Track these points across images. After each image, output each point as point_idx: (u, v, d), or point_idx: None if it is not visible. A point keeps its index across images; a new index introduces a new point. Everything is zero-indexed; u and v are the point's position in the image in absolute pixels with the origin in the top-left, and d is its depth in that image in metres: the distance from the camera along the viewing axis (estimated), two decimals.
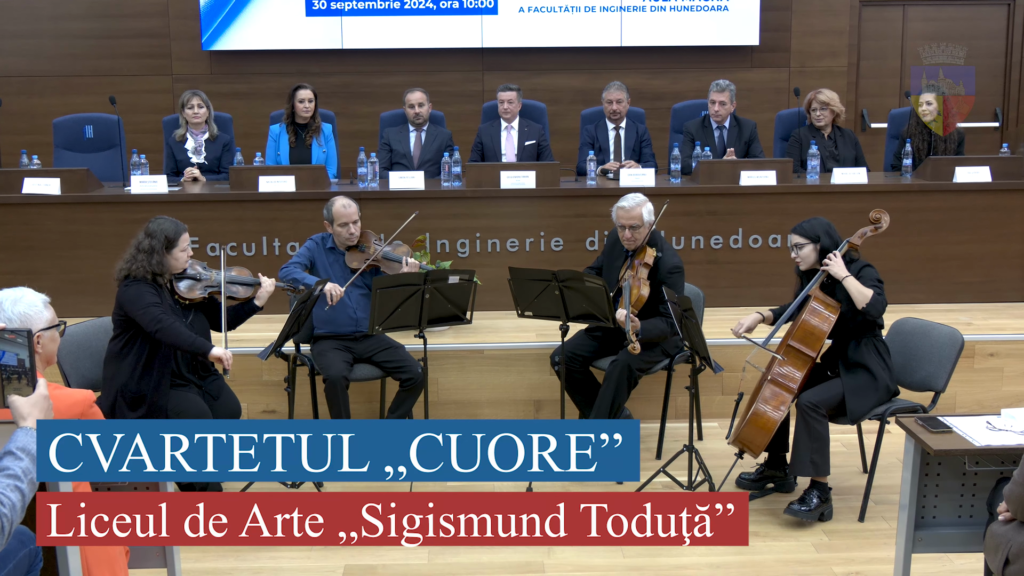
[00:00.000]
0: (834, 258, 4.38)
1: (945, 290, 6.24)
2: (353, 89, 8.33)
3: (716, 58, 8.38)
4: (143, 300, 4.20)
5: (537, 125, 6.99)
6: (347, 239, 5.00)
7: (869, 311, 4.29)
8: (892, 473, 4.66)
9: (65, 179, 6.13)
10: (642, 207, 4.84)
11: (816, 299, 4.38)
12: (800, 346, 4.36)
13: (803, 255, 4.49)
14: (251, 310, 4.62)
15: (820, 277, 4.43)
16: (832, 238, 4.46)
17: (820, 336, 4.34)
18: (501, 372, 5.52)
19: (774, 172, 6.20)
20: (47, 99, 8.15)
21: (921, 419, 3.58)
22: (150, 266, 4.26)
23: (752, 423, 4.33)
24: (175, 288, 4.39)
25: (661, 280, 4.82)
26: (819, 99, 6.67)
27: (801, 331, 4.35)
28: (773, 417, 4.32)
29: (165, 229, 4.30)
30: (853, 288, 4.31)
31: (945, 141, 6.63)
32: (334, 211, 4.98)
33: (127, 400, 4.21)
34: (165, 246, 4.28)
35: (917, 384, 4.50)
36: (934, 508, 3.58)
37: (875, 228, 4.58)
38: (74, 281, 5.95)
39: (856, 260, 4.44)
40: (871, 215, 4.62)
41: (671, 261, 4.87)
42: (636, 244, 4.86)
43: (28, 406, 2.49)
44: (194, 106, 6.62)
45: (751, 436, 4.36)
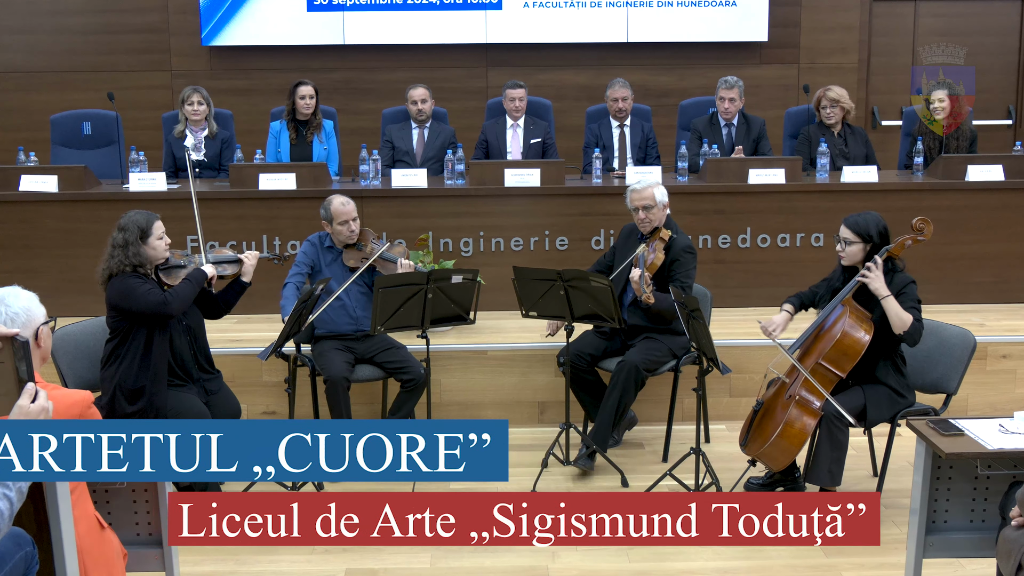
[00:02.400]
0: (874, 270, 4.23)
1: (957, 290, 6.22)
2: (355, 85, 8.34)
3: (724, 54, 8.38)
4: (137, 290, 4.22)
5: (543, 122, 7.00)
6: (347, 237, 5.01)
7: (905, 338, 4.19)
8: (903, 477, 4.65)
9: (63, 176, 6.14)
10: (653, 187, 4.93)
11: (852, 315, 4.24)
12: (830, 366, 4.23)
13: (849, 252, 4.34)
14: (241, 288, 4.64)
15: (855, 286, 4.30)
16: (884, 239, 4.32)
17: (854, 357, 4.21)
18: (505, 373, 5.52)
19: (783, 170, 6.19)
20: (45, 95, 8.16)
21: (933, 422, 3.57)
22: (128, 259, 4.27)
23: (777, 445, 4.24)
24: (161, 279, 4.40)
25: (674, 259, 4.87)
26: (829, 96, 6.67)
27: (835, 351, 4.20)
28: (800, 439, 4.24)
29: (136, 221, 4.32)
30: (893, 310, 4.18)
31: (957, 139, 6.61)
32: (332, 210, 4.99)
33: (126, 394, 4.22)
34: (140, 236, 4.29)
35: (929, 386, 4.49)
36: (945, 512, 3.57)
37: (917, 238, 4.38)
38: (72, 280, 5.95)
39: (898, 271, 4.30)
40: (915, 223, 4.40)
41: (684, 242, 4.94)
42: (652, 225, 4.90)
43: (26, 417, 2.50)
44: (194, 103, 6.63)
45: (774, 455, 4.29)
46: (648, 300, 4.67)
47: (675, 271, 4.88)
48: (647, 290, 4.64)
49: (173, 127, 6.74)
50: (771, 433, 4.26)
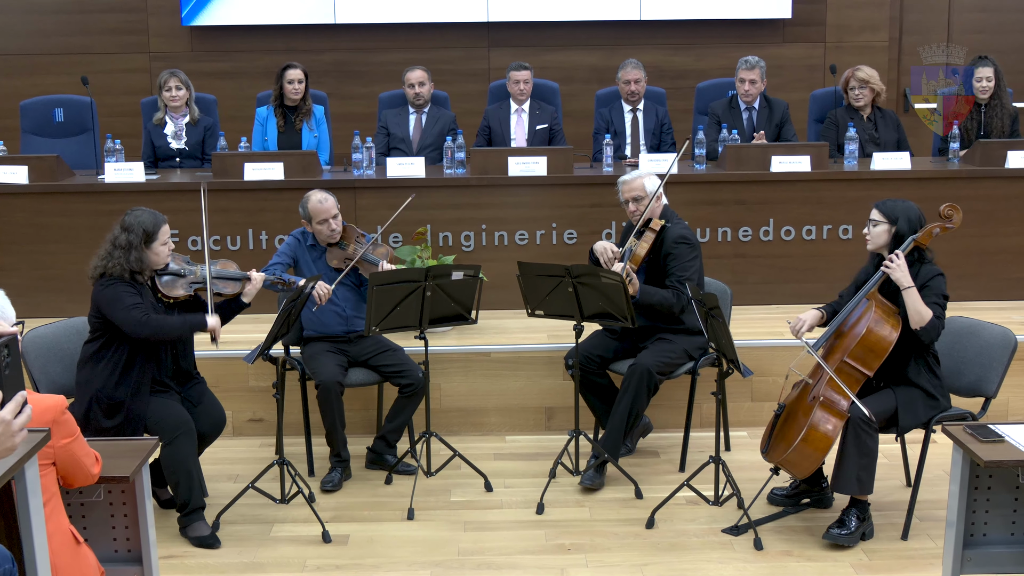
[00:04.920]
0: (897, 259, 4.24)
1: (996, 286, 6.22)
2: (347, 68, 8.35)
3: (744, 32, 8.37)
4: (122, 302, 4.20)
5: (550, 107, 7.00)
6: (328, 237, 4.98)
7: (921, 335, 4.19)
8: (938, 487, 4.65)
9: (33, 167, 6.15)
10: (643, 178, 4.97)
11: (877, 309, 4.24)
12: (856, 364, 4.23)
13: (874, 234, 4.35)
14: (238, 307, 4.61)
15: (881, 278, 4.31)
16: (911, 227, 4.30)
17: (881, 354, 4.21)
18: (509, 377, 5.53)
19: (808, 157, 6.19)
20: (13, 80, 8.18)
21: (970, 427, 3.57)
22: (128, 263, 4.25)
23: (801, 451, 4.24)
24: (157, 285, 4.39)
25: (667, 252, 4.87)
26: (858, 77, 6.66)
27: (860, 347, 4.20)
28: (826, 444, 4.24)
29: (143, 222, 4.29)
30: (912, 303, 4.18)
31: (1001, 117, 6.59)
32: (310, 208, 4.96)
33: (103, 407, 4.22)
34: (144, 240, 4.28)
35: (966, 389, 4.49)
36: (984, 525, 3.57)
37: (945, 226, 4.37)
38: (44, 278, 5.98)
39: (926, 261, 4.30)
40: (942, 210, 4.39)
41: (679, 232, 4.92)
42: (643, 217, 4.91)
43: None
44: (172, 88, 6.64)
45: (798, 461, 4.28)
46: (631, 286, 4.67)
47: (670, 265, 4.87)
48: (628, 285, 4.62)
49: (152, 114, 6.75)
50: (794, 438, 4.26)
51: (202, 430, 4.42)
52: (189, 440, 4.27)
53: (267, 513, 4.61)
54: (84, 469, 3.13)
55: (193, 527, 4.35)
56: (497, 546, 4.33)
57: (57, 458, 3.03)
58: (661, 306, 4.82)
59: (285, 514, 4.61)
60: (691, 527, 4.46)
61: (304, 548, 4.33)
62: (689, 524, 4.48)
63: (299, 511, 4.60)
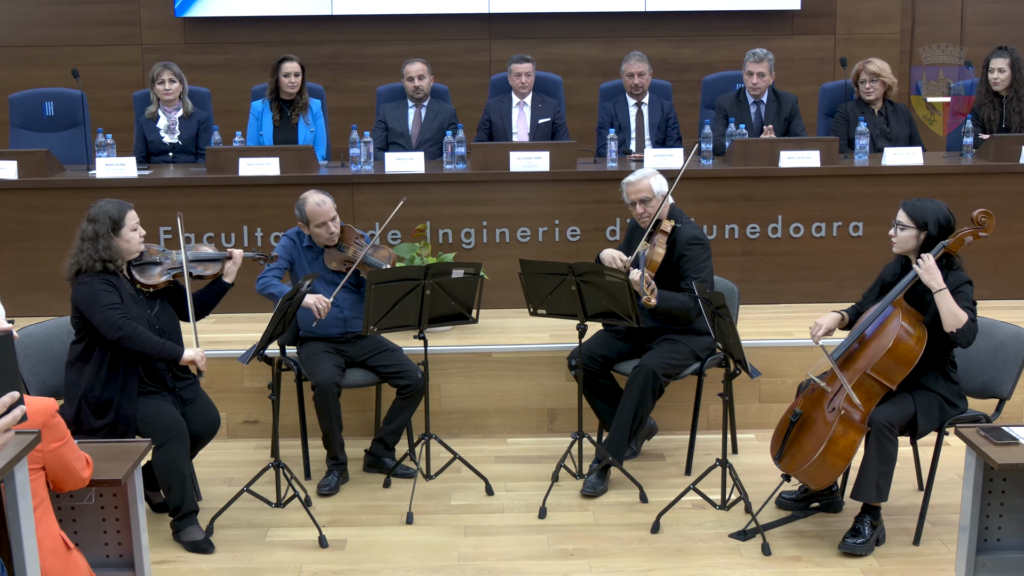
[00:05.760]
0: (927, 262, 4.16)
1: (1012, 285, 6.21)
2: (345, 60, 8.34)
3: (752, 24, 8.36)
4: (99, 301, 4.20)
5: (552, 100, 6.99)
6: (327, 240, 4.98)
7: (957, 338, 4.11)
8: (951, 491, 4.64)
9: (23, 162, 6.15)
10: (649, 178, 4.92)
11: (905, 317, 4.18)
12: (880, 378, 4.18)
13: (901, 238, 4.28)
14: (222, 289, 4.61)
15: (909, 283, 4.24)
16: (942, 232, 4.23)
17: (907, 367, 4.16)
18: (511, 377, 5.53)
19: (818, 152, 6.19)
20: (2, 72, 8.19)
21: (984, 430, 3.57)
22: (98, 253, 4.26)
23: (821, 464, 4.19)
24: (134, 276, 4.39)
25: (680, 253, 4.84)
26: (869, 70, 6.66)
27: (887, 359, 4.14)
28: (847, 457, 4.19)
29: (107, 211, 4.31)
30: (945, 306, 4.11)
31: (1020, 114, 6.55)
32: (307, 211, 4.95)
33: (92, 407, 4.22)
34: (111, 228, 4.28)
35: (979, 390, 4.48)
36: (998, 530, 3.57)
37: (978, 233, 4.26)
38: (33, 276, 5.97)
39: (955, 269, 4.23)
40: (976, 216, 4.26)
41: (691, 232, 4.89)
42: (652, 219, 4.88)
43: None
44: (165, 80, 6.64)
45: (816, 475, 4.26)
46: (648, 303, 4.61)
47: (684, 267, 4.84)
48: (648, 292, 4.60)
49: (144, 107, 6.75)
50: (813, 450, 4.20)
51: (196, 431, 4.42)
52: (181, 443, 4.27)
53: (262, 517, 4.61)
54: (74, 473, 3.14)
55: (186, 531, 4.35)
56: (498, 551, 4.33)
57: (47, 462, 3.03)
58: (679, 311, 4.81)
59: (281, 518, 4.61)
60: (697, 532, 4.45)
61: (300, 553, 4.33)
62: (695, 529, 4.48)
63: (295, 515, 4.60)
